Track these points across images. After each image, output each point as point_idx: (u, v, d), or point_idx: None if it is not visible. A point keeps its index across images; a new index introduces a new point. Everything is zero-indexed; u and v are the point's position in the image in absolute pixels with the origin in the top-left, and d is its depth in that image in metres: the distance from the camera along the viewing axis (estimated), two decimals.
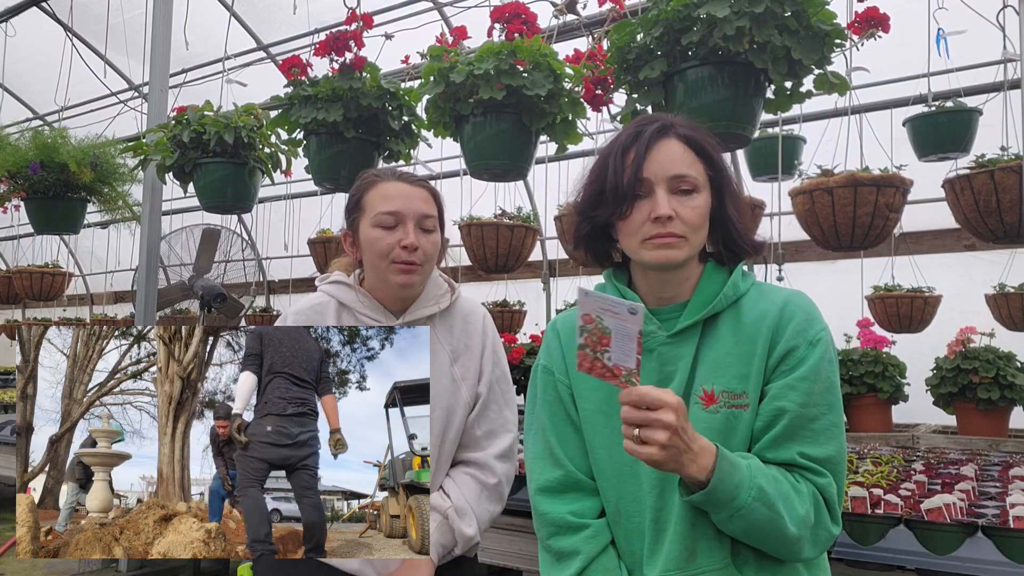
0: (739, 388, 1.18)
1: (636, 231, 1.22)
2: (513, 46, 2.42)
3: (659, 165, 1.21)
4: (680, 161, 1.22)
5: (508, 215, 4.43)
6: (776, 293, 1.26)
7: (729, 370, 1.20)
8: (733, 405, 1.18)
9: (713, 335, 1.23)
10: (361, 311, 1.60)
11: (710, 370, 1.20)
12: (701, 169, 1.23)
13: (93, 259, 8.77)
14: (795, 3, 1.99)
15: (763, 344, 1.20)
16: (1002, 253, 4.31)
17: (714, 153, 1.26)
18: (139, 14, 5.08)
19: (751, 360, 1.19)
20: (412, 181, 1.60)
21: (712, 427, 1.17)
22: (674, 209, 1.19)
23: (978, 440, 3.05)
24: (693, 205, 1.21)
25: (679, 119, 1.29)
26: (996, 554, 1.75)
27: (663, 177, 1.21)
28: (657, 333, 1.24)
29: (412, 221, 1.54)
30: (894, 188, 2.68)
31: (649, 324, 1.24)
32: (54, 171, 4.10)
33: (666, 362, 1.23)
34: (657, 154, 1.22)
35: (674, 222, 1.19)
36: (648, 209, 1.20)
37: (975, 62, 3.70)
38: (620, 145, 1.25)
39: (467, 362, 1.64)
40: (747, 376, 1.19)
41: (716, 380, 1.19)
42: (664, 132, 1.24)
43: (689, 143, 1.24)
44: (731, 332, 1.22)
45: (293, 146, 3.15)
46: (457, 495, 1.58)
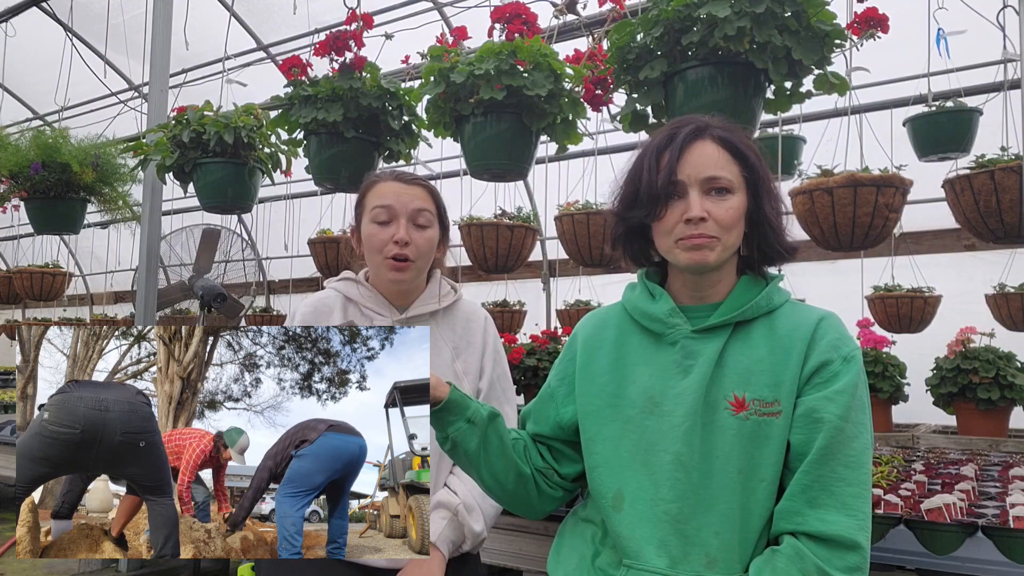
0: (771, 396, 1.17)
1: (669, 232, 1.23)
2: (513, 46, 2.42)
3: (693, 167, 1.22)
4: (714, 163, 1.22)
5: (508, 215, 4.43)
6: (811, 310, 1.27)
7: (761, 378, 1.19)
8: (764, 413, 1.17)
9: (746, 341, 1.23)
10: (366, 305, 1.65)
11: (742, 377, 1.19)
12: (736, 171, 1.24)
13: (93, 259, 8.77)
14: (795, 3, 1.99)
15: (797, 356, 1.19)
16: (1002, 253, 4.31)
17: (750, 154, 1.25)
18: (139, 14, 5.08)
19: (784, 370, 1.19)
20: (409, 180, 1.65)
21: (741, 434, 1.16)
22: (707, 210, 1.20)
23: (978, 440, 3.05)
24: (727, 206, 1.21)
25: (716, 120, 1.29)
26: (996, 554, 1.75)
27: (697, 179, 1.21)
28: (682, 326, 1.25)
29: (404, 217, 1.59)
30: (894, 188, 2.68)
31: (676, 317, 1.26)
32: (55, 171, 4.10)
33: (688, 355, 1.23)
34: (691, 156, 1.22)
35: (707, 223, 1.20)
36: (681, 210, 1.21)
37: (975, 62, 3.70)
38: (655, 147, 1.26)
39: (469, 358, 1.68)
40: (779, 384, 1.18)
41: (748, 388, 1.18)
42: (699, 134, 1.24)
43: (724, 144, 1.24)
44: (765, 341, 1.22)
45: (293, 146, 3.15)
46: (464, 492, 1.60)
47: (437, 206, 1.67)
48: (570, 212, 4.06)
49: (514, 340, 4.58)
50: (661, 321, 1.27)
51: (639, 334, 1.31)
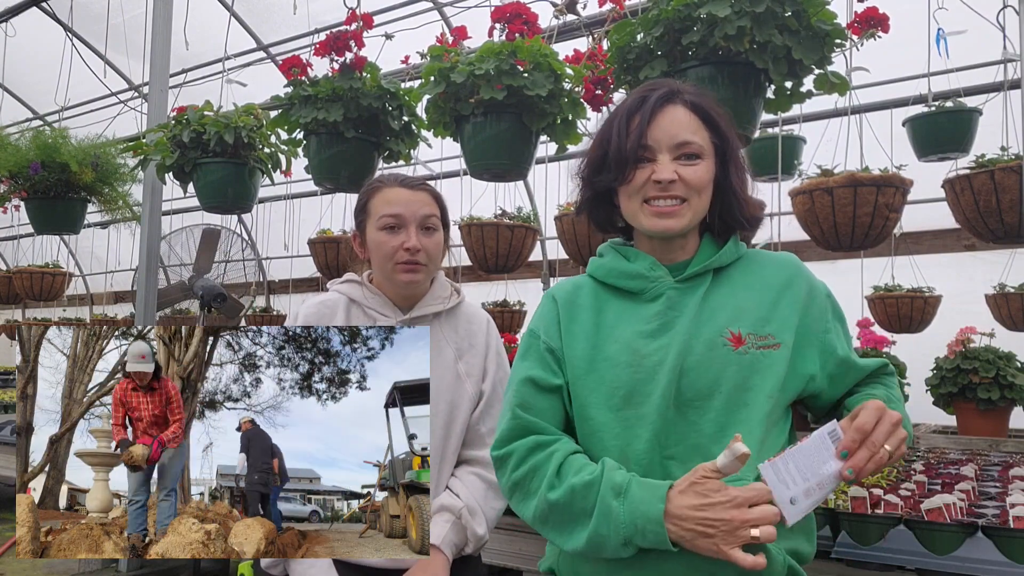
0: (762, 331, 1.21)
1: (637, 192, 1.22)
2: (514, 46, 2.42)
3: (663, 131, 1.21)
4: (685, 127, 1.21)
5: (508, 215, 4.43)
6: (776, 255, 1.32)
7: (750, 314, 1.22)
8: (761, 346, 1.20)
9: (728, 285, 1.26)
10: (369, 306, 1.66)
11: (733, 314, 1.22)
12: (706, 136, 1.23)
13: (93, 259, 8.77)
14: (795, 3, 1.99)
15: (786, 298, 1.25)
16: (1002, 253, 4.31)
17: (721, 121, 1.25)
18: (139, 14, 5.08)
19: (773, 309, 1.23)
20: (414, 185, 1.67)
21: (742, 365, 1.19)
22: (676, 172, 1.20)
23: (978, 440, 3.05)
24: (697, 169, 1.21)
25: (686, 85, 1.27)
26: (996, 554, 1.75)
27: (667, 144, 1.21)
28: (665, 278, 1.25)
29: (414, 224, 1.61)
30: (894, 188, 2.68)
31: (658, 270, 1.26)
32: (55, 171, 4.10)
33: (672, 306, 1.23)
34: (662, 120, 1.21)
35: (676, 184, 1.20)
36: (649, 173, 1.21)
37: (975, 62, 3.70)
38: (625, 110, 1.24)
39: (471, 359, 1.68)
40: (769, 320, 1.22)
41: (741, 324, 1.21)
42: (670, 98, 1.23)
43: (695, 110, 1.23)
44: (745, 282, 1.26)
45: (293, 146, 3.15)
46: (467, 495, 1.61)
47: (441, 209, 1.70)
48: (570, 212, 4.06)
49: (514, 340, 4.57)
50: (643, 276, 1.26)
51: (616, 298, 1.29)
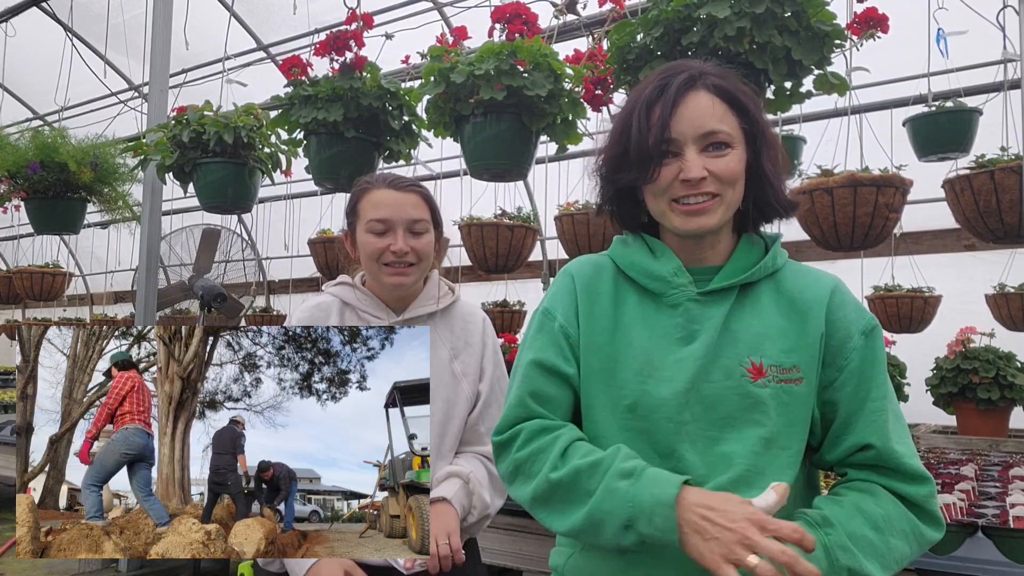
0: (787, 363, 1.10)
1: (664, 191, 1.12)
2: (514, 46, 2.42)
3: (687, 122, 1.10)
4: (711, 116, 1.10)
5: (508, 215, 4.43)
6: (818, 274, 1.19)
7: (776, 343, 1.11)
8: (783, 380, 1.09)
9: (754, 306, 1.14)
10: (363, 308, 1.66)
11: (755, 342, 1.11)
12: (734, 122, 1.12)
13: (93, 259, 8.77)
14: (795, 3, 1.99)
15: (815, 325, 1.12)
16: (1002, 253, 4.31)
17: (749, 104, 1.14)
18: (139, 14, 5.08)
19: (801, 336, 1.12)
20: (402, 187, 1.64)
21: (759, 400, 1.09)
22: (705, 167, 1.09)
23: (978, 440, 3.05)
24: (727, 161, 1.10)
25: (709, 67, 1.16)
26: (996, 554, 1.75)
27: (692, 136, 1.10)
28: (688, 288, 1.15)
29: (401, 227, 1.60)
30: (894, 188, 2.68)
31: (682, 277, 1.15)
32: (54, 171, 4.10)
33: (692, 320, 1.13)
34: (685, 110, 1.10)
35: (706, 180, 1.09)
36: (676, 169, 1.10)
37: (975, 62, 3.70)
38: (645, 100, 1.13)
39: (467, 359, 1.68)
40: (794, 351, 1.11)
41: (763, 353, 1.10)
42: (692, 84, 1.12)
43: (721, 94, 1.12)
44: (774, 304, 1.14)
45: (293, 146, 3.15)
46: (471, 469, 1.61)
47: (432, 210, 1.67)
48: (570, 212, 4.06)
49: (514, 340, 4.57)
50: (665, 281, 1.16)
51: (636, 293, 1.19)
